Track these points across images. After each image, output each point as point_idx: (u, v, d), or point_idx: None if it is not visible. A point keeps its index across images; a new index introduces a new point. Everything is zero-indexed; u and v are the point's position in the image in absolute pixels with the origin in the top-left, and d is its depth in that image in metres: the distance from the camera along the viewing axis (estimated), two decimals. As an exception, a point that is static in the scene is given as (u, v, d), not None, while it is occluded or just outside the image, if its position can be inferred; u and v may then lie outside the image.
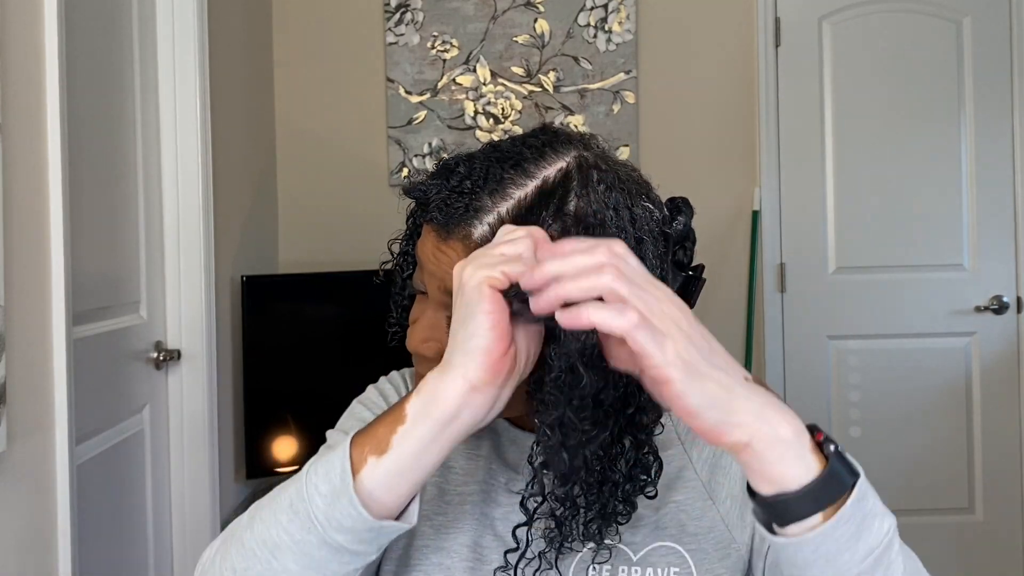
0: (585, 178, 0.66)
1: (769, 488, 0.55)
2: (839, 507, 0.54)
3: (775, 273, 2.79)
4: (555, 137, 0.70)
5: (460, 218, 0.65)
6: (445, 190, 0.67)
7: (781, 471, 0.54)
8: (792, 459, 0.54)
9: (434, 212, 0.67)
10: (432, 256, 0.68)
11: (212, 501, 2.04)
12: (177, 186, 1.99)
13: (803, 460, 0.54)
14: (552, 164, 0.67)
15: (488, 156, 0.68)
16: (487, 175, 0.66)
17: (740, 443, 0.54)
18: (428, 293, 0.70)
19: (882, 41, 2.77)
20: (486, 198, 0.65)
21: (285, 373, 2.28)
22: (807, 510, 0.54)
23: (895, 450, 2.77)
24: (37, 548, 1.31)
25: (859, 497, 0.55)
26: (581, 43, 2.74)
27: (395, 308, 0.80)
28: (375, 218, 2.74)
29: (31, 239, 1.28)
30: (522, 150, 0.68)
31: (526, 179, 0.66)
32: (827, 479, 0.54)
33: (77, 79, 1.52)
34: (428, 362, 0.71)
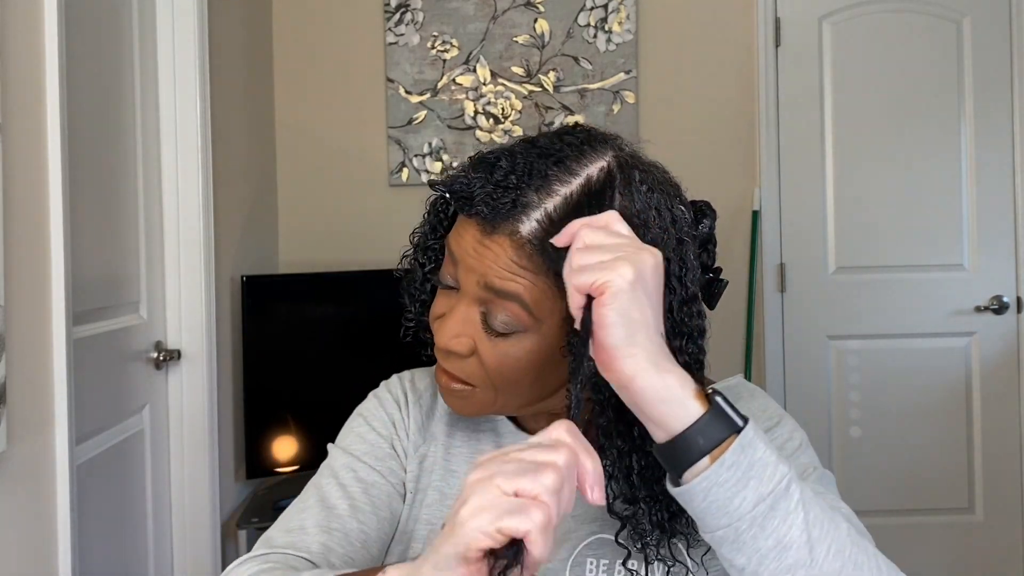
0: (628, 178, 0.67)
1: (660, 433, 0.59)
2: (723, 453, 0.56)
3: (775, 273, 2.79)
4: (590, 136, 0.70)
5: (507, 213, 0.65)
6: (489, 184, 0.66)
7: (663, 412, 0.57)
8: (674, 402, 0.57)
9: (480, 206, 0.66)
10: (473, 251, 0.67)
11: (212, 501, 2.04)
12: (177, 186, 1.99)
13: (685, 404, 0.57)
14: (593, 162, 0.67)
15: (528, 152, 0.68)
16: (531, 171, 0.66)
17: (627, 375, 0.57)
18: (462, 288, 0.69)
19: (882, 41, 2.77)
20: (532, 194, 0.65)
21: (285, 373, 2.28)
22: (693, 452, 0.57)
23: (895, 450, 2.77)
24: (37, 548, 1.31)
25: (744, 444, 0.57)
26: (581, 43, 2.74)
27: (412, 303, 0.79)
28: (375, 218, 2.74)
29: (31, 239, 1.28)
30: (562, 147, 0.68)
31: (570, 176, 0.66)
32: (710, 420, 0.57)
33: (77, 79, 1.52)
34: (457, 358, 0.71)
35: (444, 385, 0.73)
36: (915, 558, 2.74)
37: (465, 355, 0.70)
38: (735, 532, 0.57)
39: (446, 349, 0.70)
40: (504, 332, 0.68)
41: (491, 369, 0.69)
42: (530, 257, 0.65)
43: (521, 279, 0.65)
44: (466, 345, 0.69)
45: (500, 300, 0.67)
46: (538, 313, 0.67)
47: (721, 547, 0.59)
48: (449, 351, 0.70)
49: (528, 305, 0.66)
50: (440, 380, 0.74)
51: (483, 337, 0.69)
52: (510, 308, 0.66)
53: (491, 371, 0.69)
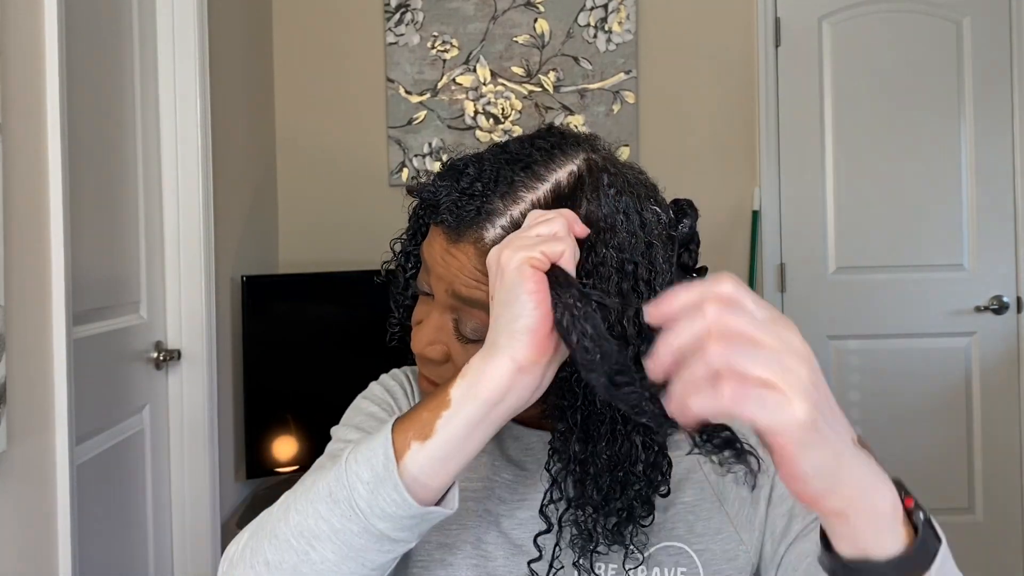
0: (596, 181, 0.66)
1: (852, 552, 0.52)
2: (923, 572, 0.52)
3: (775, 273, 2.79)
4: (563, 139, 0.70)
5: (471, 221, 0.65)
6: (455, 192, 0.66)
7: (872, 543, 0.51)
8: (885, 532, 0.51)
9: (444, 214, 0.66)
10: (440, 259, 0.67)
11: (212, 501, 2.04)
12: (177, 186, 1.99)
13: (894, 533, 0.51)
14: (562, 167, 0.67)
15: (497, 158, 0.68)
16: (497, 177, 0.66)
17: (836, 511, 0.50)
18: (434, 295, 0.70)
19: (882, 41, 2.77)
20: (497, 201, 0.65)
21: (285, 373, 2.28)
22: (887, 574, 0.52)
23: (895, 450, 2.76)
24: (37, 548, 1.31)
25: (940, 564, 0.53)
26: (581, 43, 2.74)
27: (396, 308, 0.79)
28: (375, 218, 2.74)
29: (31, 239, 1.28)
30: (531, 152, 0.68)
31: (537, 182, 0.66)
32: (915, 553, 0.52)
33: (77, 79, 1.52)
34: (433, 365, 0.71)
35: (424, 389, 0.74)
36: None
37: (440, 361, 0.70)
38: None
39: (420, 355, 0.71)
40: (474, 339, 0.68)
41: None
42: None
43: (486, 287, 0.64)
44: (439, 352, 0.70)
45: (467, 308, 0.67)
46: None
47: None
48: (424, 357, 0.71)
49: None
50: (421, 384, 0.75)
51: (455, 344, 0.69)
52: (477, 316, 0.66)
53: None
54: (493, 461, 0.78)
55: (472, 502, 0.76)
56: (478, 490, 0.76)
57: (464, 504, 0.76)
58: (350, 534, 0.58)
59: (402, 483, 0.56)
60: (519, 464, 0.77)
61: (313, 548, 0.59)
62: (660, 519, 0.74)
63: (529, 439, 0.77)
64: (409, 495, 0.57)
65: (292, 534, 0.60)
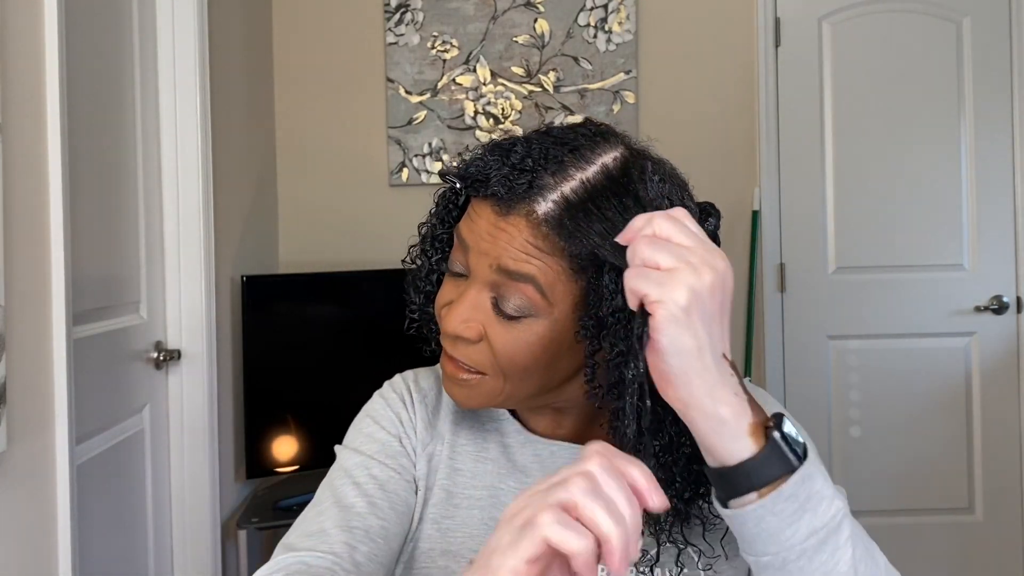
0: (641, 167, 0.67)
1: (711, 460, 0.58)
2: (779, 485, 0.56)
3: (775, 273, 2.79)
4: (602, 128, 0.71)
5: (523, 194, 0.65)
6: (506, 166, 0.66)
7: (714, 444, 0.57)
8: (727, 437, 0.56)
9: (496, 187, 0.66)
10: (487, 234, 0.67)
11: (212, 501, 2.04)
12: (177, 186, 1.99)
13: (738, 440, 0.56)
14: (606, 152, 0.68)
15: (544, 139, 0.69)
16: (547, 155, 0.66)
17: (680, 402, 0.57)
18: (472, 273, 0.69)
19: (882, 41, 2.77)
20: (548, 177, 0.65)
21: (285, 373, 2.28)
22: (742, 486, 0.57)
23: (895, 450, 2.77)
24: (37, 548, 1.31)
25: (802, 478, 0.56)
26: (581, 43, 2.74)
27: (416, 294, 0.78)
28: (375, 218, 2.74)
29: (31, 239, 1.28)
30: (576, 136, 0.69)
31: (584, 163, 0.66)
32: (764, 459, 0.56)
33: (77, 79, 1.52)
34: (466, 344, 0.70)
35: (451, 374, 0.72)
36: (915, 558, 2.74)
37: (474, 340, 0.69)
38: (781, 560, 0.57)
39: (455, 334, 0.70)
40: (516, 316, 0.67)
41: (501, 355, 0.68)
42: (546, 238, 0.65)
43: (536, 260, 0.65)
44: (475, 330, 0.69)
45: (513, 283, 0.66)
46: (551, 296, 0.66)
47: (763, 572, 0.59)
48: (458, 336, 0.69)
49: (542, 287, 0.66)
50: (447, 369, 0.73)
51: (494, 322, 0.68)
52: (524, 290, 0.66)
53: (501, 357, 0.68)
54: (498, 468, 0.77)
55: (477, 510, 0.75)
56: (483, 498, 0.76)
57: (469, 511, 0.76)
58: None
59: None
60: (525, 471, 0.76)
61: None
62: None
63: (536, 447, 0.77)
64: None
65: None
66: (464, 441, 0.80)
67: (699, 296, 0.55)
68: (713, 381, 0.56)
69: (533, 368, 0.69)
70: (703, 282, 0.55)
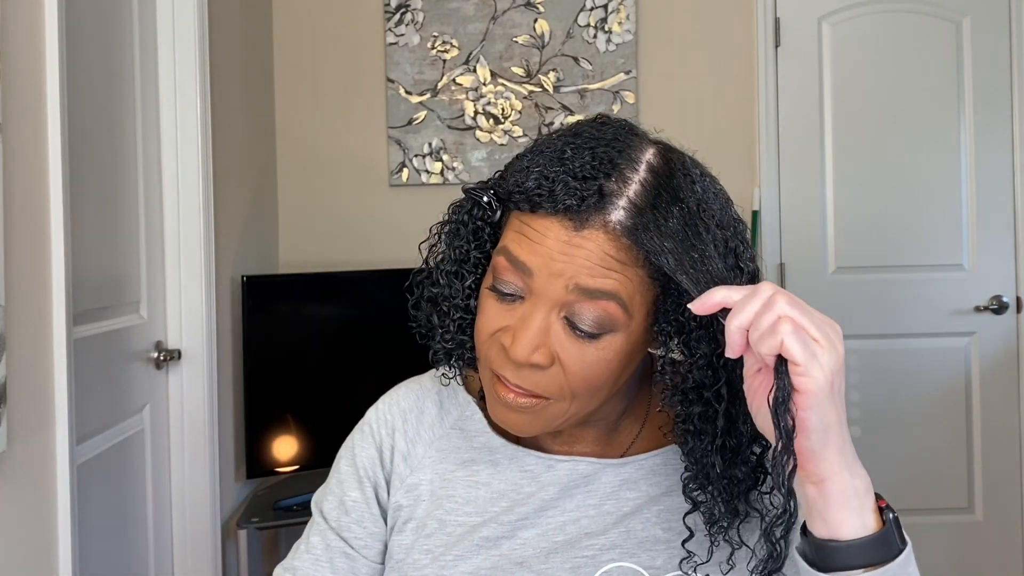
0: (681, 163, 0.67)
1: (823, 530, 0.57)
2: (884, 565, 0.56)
3: (775, 273, 2.79)
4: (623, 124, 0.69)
5: (595, 204, 0.62)
6: (568, 176, 0.63)
7: (841, 518, 0.57)
8: (855, 510, 0.57)
9: (566, 199, 0.62)
10: (560, 253, 0.62)
11: (212, 501, 2.04)
12: (177, 186, 1.99)
13: (863, 516, 0.57)
14: (644, 150, 0.66)
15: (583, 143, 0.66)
16: (602, 159, 0.64)
17: (818, 476, 0.56)
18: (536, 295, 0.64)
19: (882, 41, 2.77)
20: (612, 183, 0.62)
21: (285, 373, 2.28)
22: (852, 562, 0.57)
23: (895, 450, 2.77)
24: (37, 548, 1.31)
25: (905, 560, 0.57)
26: (581, 43, 2.74)
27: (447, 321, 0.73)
28: (375, 218, 2.74)
29: (31, 239, 1.28)
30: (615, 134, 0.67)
31: (634, 163, 0.64)
32: (878, 540, 0.57)
33: (77, 79, 1.52)
34: (535, 371, 0.65)
35: (509, 401, 0.67)
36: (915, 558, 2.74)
37: (546, 367, 0.65)
38: None
39: (525, 363, 0.65)
40: (595, 334, 0.64)
41: (575, 376, 0.65)
42: (627, 249, 0.62)
43: (617, 274, 0.62)
44: (547, 356, 0.65)
45: (592, 301, 0.63)
46: (632, 308, 0.64)
47: None
48: (530, 364, 0.65)
49: (624, 301, 0.63)
50: (506, 397, 0.67)
51: (567, 344, 0.64)
52: (605, 307, 0.63)
53: (574, 379, 0.65)
54: (489, 492, 0.76)
55: (469, 534, 0.74)
56: (476, 524, 0.74)
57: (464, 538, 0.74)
58: None
59: None
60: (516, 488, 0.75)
61: None
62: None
63: (525, 460, 0.76)
64: None
65: None
66: (452, 466, 0.77)
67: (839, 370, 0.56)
68: (849, 454, 0.57)
69: (605, 385, 0.67)
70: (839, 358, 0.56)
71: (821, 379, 0.54)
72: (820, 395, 0.54)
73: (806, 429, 0.55)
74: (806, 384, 0.54)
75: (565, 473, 0.74)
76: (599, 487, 0.74)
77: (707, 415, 0.65)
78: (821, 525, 0.57)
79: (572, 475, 0.74)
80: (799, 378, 0.54)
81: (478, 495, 0.76)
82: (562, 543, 0.73)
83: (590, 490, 0.74)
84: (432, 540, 0.74)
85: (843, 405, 0.57)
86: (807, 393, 0.54)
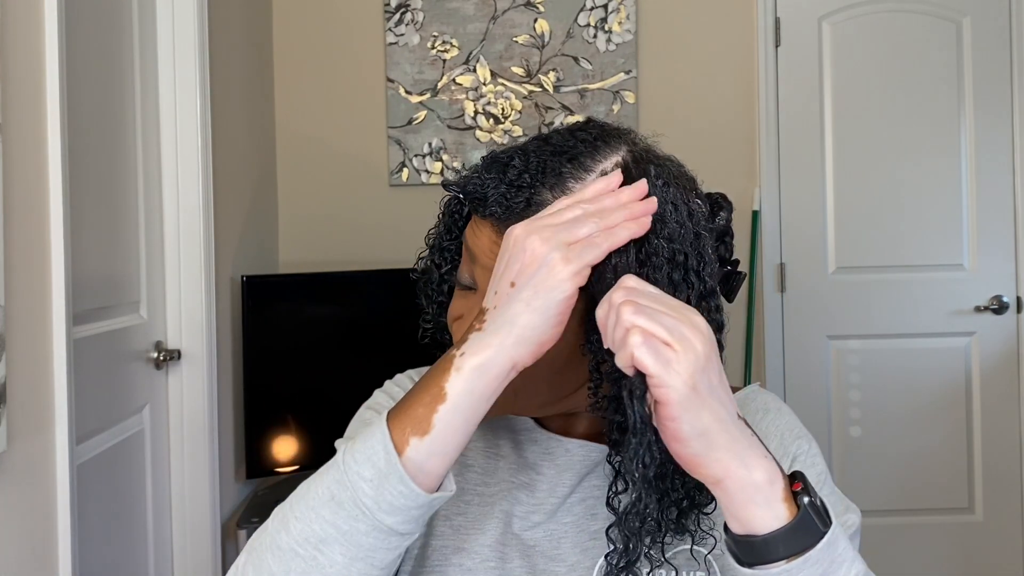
0: (643, 172, 0.66)
1: (738, 527, 0.57)
2: (807, 552, 0.55)
3: (775, 273, 2.79)
4: (603, 131, 0.70)
5: (521, 212, 0.64)
6: (503, 184, 0.65)
7: (749, 514, 0.56)
8: (761, 504, 0.56)
9: (493, 207, 0.65)
10: (489, 251, 0.66)
11: (212, 501, 2.04)
12: (177, 186, 1.99)
13: (772, 507, 0.56)
14: (607, 157, 0.67)
15: (541, 149, 0.67)
16: (545, 168, 0.65)
17: (713, 478, 0.56)
18: (479, 288, 0.69)
19: (882, 41, 2.77)
20: (546, 192, 0.65)
21: (285, 373, 2.28)
22: (771, 555, 0.56)
23: (895, 450, 2.77)
24: (37, 548, 1.31)
25: (828, 543, 0.56)
26: (581, 43, 2.74)
27: (429, 304, 0.78)
28: (375, 218, 2.74)
29: (31, 239, 1.28)
30: (575, 143, 0.68)
31: (584, 173, 0.66)
32: (794, 529, 0.56)
33: (77, 79, 1.52)
34: None
35: None
36: (915, 558, 2.74)
37: None
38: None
39: None
40: None
41: None
42: None
43: None
44: None
45: None
46: None
47: None
48: None
49: None
50: None
51: None
52: None
53: None
54: (510, 464, 0.77)
55: (489, 506, 0.75)
56: (495, 495, 0.76)
57: (481, 508, 0.75)
58: (358, 533, 0.58)
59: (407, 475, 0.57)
60: (536, 468, 0.76)
61: (321, 552, 0.58)
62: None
63: (548, 444, 0.77)
64: (416, 485, 0.57)
65: (296, 542, 0.59)
66: (474, 438, 0.79)
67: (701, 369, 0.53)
68: (742, 448, 0.55)
69: (543, 382, 0.68)
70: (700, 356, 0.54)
71: (679, 386, 0.53)
72: (683, 403, 0.53)
73: (680, 439, 0.54)
74: (665, 395, 0.53)
75: (579, 458, 0.75)
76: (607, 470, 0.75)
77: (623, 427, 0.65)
78: (735, 522, 0.57)
79: (586, 461, 0.75)
80: (657, 389, 0.53)
81: (497, 466, 0.77)
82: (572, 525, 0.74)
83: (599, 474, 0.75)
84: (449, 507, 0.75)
85: (722, 401, 0.55)
86: (669, 404, 0.53)
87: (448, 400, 0.57)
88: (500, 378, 0.58)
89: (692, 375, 0.53)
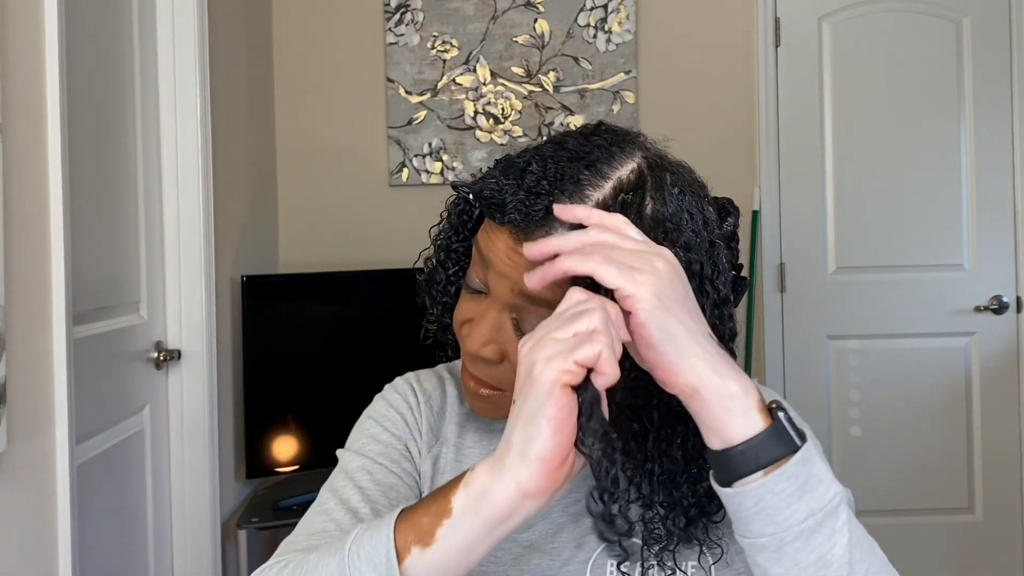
0: (659, 180, 0.66)
1: (716, 441, 0.58)
2: (782, 465, 0.56)
3: (775, 273, 2.79)
4: (617, 136, 0.70)
5: (541, 220, 0.64)
6: (521, 191, 0.65)
7: (726, 422, 0.56)
8: (737, 412, 0.56)
9: (512, 214, 0.64)
10: (506, 258, 0.66)
11: (212, 501, 2.04)
12: (177, 186, 1.99)
13: (747, 416, 0.56)
14: (623, 164, 0.67)
15: (558, 155, 0.67)
16: (563, 176, 0.65)
17: (690, 386, 0.56)
18: (492, 293, 0.68)
19: (882, 41, 2.77)
20: (565, 200, 0.64)
21: (285, 373, 2.28)
22: (750, 465, 0.56)
23: (895, 450, 2.77)
24: (37, 548, 1.31)
25: (803, 459, 0.57)
26: (581, 43, 2.74)
27: (433, 305, 0.78)
28: (375, 218, 2.74)
29: (31, 239, 1.28)
30: (592, 149, 0.67)
31: (601, 180, 0.65)
32: (770, 436, 0.56)
33: (77, 79, 1.52)
34: (487, 365, 0.70)
35: (472, 389, 0.73)
36: (915, 558, 2.74)
37: (495, 362, 0.69)
38: (779, 541, 0.57)
39: (475, 355, 0.69)
40: None
41: None
42: None
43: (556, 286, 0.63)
44: (495, 352, 0.68)
45: (535, 307, 0.65)
46: None
47: (759, 554, 0.58)
48: (479, 358, 0.69)
49: None
50: (468, 384, 0.73)
51: (515, 343, 0.67)
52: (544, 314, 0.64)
53: None
54: None
55: None
56: None
57: None
58: None
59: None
60: None
61: None
62: None
63: None
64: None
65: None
66: (470, 444, 0.79)
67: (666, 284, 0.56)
68: (713, 358, 0.57)
69: None
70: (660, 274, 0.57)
71: (644, 294, 0.55)
72: (650, 309, 0.55)
73: (652, 345, 0.56)
74: (632, 304, 0.55)
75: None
76: None
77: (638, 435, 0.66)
78: (713, 436, 0.58)
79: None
80: (624, 300, 0.56)
81: None
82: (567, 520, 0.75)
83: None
84: None
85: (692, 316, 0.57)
86: (636, 311, 0.55)
87: (452, 515, 0.56)
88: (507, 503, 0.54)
89: (655, 285, 0.55)
